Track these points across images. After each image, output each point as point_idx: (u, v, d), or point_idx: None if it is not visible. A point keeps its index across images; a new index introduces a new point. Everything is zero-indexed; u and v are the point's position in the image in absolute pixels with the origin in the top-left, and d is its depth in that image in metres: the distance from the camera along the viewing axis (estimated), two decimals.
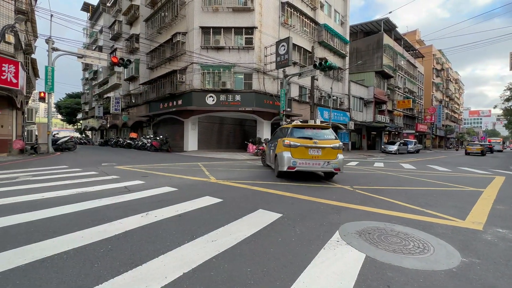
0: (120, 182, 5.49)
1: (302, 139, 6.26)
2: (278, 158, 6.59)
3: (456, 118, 67.73)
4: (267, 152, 8.62)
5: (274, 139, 7.82)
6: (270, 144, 8.29)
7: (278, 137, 7.35)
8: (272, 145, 7.82)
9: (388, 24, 32.58)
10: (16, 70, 10.00)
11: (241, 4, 17.20)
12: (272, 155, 7.56)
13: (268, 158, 8.46)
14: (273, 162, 7.44)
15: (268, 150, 8.36)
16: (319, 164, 6.13)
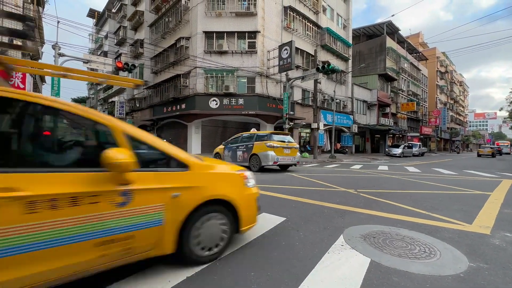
0: None
1: (279, 142, 8.72)
2: (262, 156, 8.53)
3: (461, 121, 67.07)
4: (224, 154, 10.10)
5: (237, 143, 9.79)
6: (231, 147, 10.00)
7: (243, 142, 9.54)
8: (238, 148, 9.61)
9: (390, 27, 32.57)
10: (23, 75, 10.19)
11: (244, 9, 17.36)
12: (243, 155, 9.36)
13: (227, 159, 9.95)
14: (242, 161, 9.30)
15: (230, 152, 9.92)
16: (290, 159, 9.01)
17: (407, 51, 37.87)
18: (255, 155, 8.80)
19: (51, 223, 1.43)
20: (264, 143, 8.62)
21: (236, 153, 9.61)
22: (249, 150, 9.08)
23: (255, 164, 8.78)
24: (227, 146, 10.21)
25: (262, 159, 8.53)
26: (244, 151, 9.33)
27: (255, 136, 9.27)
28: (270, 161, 8.42)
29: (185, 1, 18.17)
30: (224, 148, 10.26)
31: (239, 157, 9.48)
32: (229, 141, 10.40)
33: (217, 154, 10.62)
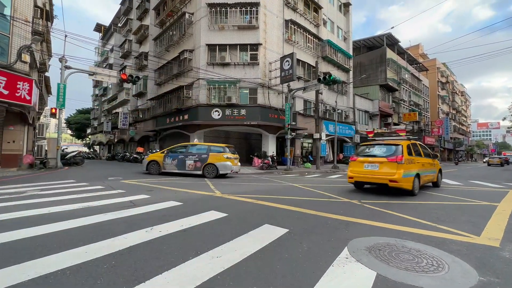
0: (126, 197, 5.49)
1: (231, 154, 10.50)
2: (221, 166, 10.05)
3: (464, 131, 66.73)
4: (165, 161, 10.55)
5: (185, 152, 10.58)
6: (176, 155, 10.59)
7: (194, 152, 10.50)
8: (188, 157, 10.39)
9: (390, 39, 33.08)
10: (30, 87, 10.39)
11: (246, 22, 17.79)
12: (194, 164, 10.26)
13: (169, 166, 10.52)
14: (192, 169, 10.25)
15: (176, 160, 10.46)
16: (237, 168, 10.88)
17: (408, 62, 38.25)
18: (211, 164, 10.10)
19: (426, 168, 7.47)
20: (222, 154, 10.20)
21: (185, 162, 10.33)
22: (204, 160, 10.17)
23: (210, 172, 10.10)
24: (170, 155, 10.66)
25: (220, 168, 10.03)
26: (196, 160, 10.25)
27: (209, 147, 10.51)
28: (228, 170, 10.17)
29: (189, 15, 18.69)
30: (165, 156, 10.64)
31: (188, 166, 10.29)
32: (172, 150, 10.86)
33: (153, 162, 10.73)
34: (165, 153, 10.72)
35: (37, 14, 11.81)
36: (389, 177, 6.27)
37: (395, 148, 6.68)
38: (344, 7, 27.10)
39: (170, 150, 10.85)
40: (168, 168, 10.52)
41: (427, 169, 7.58)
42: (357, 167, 7.10)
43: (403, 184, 6.22)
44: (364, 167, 6.84)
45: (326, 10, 24.03)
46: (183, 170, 10.35)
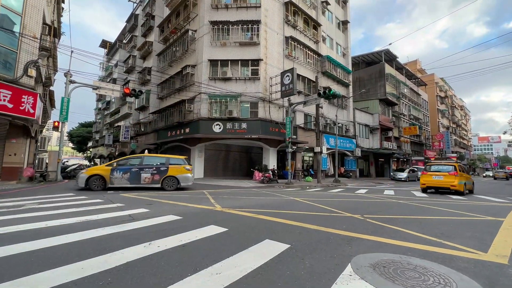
0: (125, 210, 5.42)
1: (190, 166, 10.65)
2: (182, 178, 10.14)
3: (466, 145, 66.63)
4: (114, 175, 9.48)
5: (139, 165, 9.88)
6: (128, 168, 9.74)
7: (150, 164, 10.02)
8: (143, 170, 9.81)
9: (388, 54, 33.82)
10: (34, 101, 10.55)
11: (247, 39, 18.30)
12: (152, 177, 9.84)
13: (119, 181, 9.59)
14: (149, 183, 9.83)
15: (128, 174, 9.66)
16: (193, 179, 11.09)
17: (406, 77, 38.87)
18: (172, 177, 10.01)
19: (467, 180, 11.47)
20: (183, 166, 10.29)
21: (140, 175, 9.75)
22: (163, 172, 9.94)
23: (170, 184, 9.98)
24: (120, 168, 9.67)
25: (181, 180, 10.11)
26: (154, 173, 9.87)
27: (168, 159, 10.33)
28: (189, 182, 10.37)
29: (192, 32, 19.26)
30: (113, 170, 9.55)
31: (144, 179, 9.78)
32: (122, 162, 9.87)
33: (96, 176, 9.30)
34: (113, 166, 9.61)
35: (45, 31, 12.20)
36: (451, 184, 10.91)
37: (452, 167, 11.23)
38: (342, 24, 27.93)
39: (119, 163, 9.86)
40: (117, 182, 9.54)
41: (468, 180, 11.86)
42: (427, 178, 11.72)
43: (458, 188, 10.76)
44: (433, 178, 11.45)
45: (325, 27, 24.75)
46: (137, 184, 9.72)
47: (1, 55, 9.78)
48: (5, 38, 9.77)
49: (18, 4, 10.13)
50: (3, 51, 9.79)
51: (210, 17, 18.38)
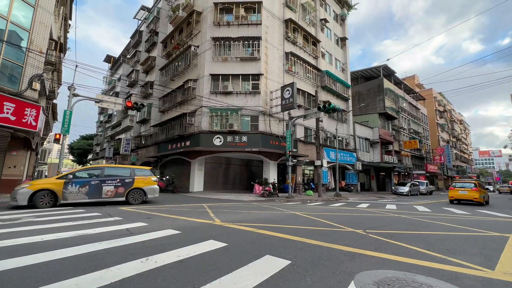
0: (122, 224, 5.33)
1: (153, 176, 10.13)
2: (149, 190, 9.70)
3: (466, 159, 66.42)
4: (68, 189, 8.16)
5: (100, 177, 8.86)
6: (86, 181, 8.54)
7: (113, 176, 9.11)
8: (105, 182, 8.86)
9: (386, 70, 34.46)
10: (37, 114, 10.66)
11: (248, 54, 18.72)
12: (115, 190, 8.98)
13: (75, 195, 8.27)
14: (112, 196, 8.91)
15: (87, 187, 8.47)
16: None
17: (405, 92, 39.38)
18: (138, 189, 9.42)
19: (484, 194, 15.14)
20: (150, 177, 9.82)
21: (102, 188, 8.71)
22: (128, 184, 9.23)
23: (137, 197, 9.37)
24: (76, 181, 8.35)
25: (148, 192, 9.65)
26: (118, 185, 9.02)
27: (133, 170, 9.66)
28: (156, 194, 9.92)
29: (194, 48, 19.76)
30: (67, 183, 8.20)
31: (106, 193, 8.78)
32: (78, 174, 8.59)
33: (45, 191, 7.92)
34: (67, 179, 8.24)
35: (51, 46, 12.52)
36: (473, 197, 14.07)
37: (473, 184, 14.74)
38: (341, 41, 28.68)
39: (76, 175, 8.54)
40: (72, 198, 8.23)
41: (485, 194, 15.08)
42: (454, 192, 15.02)
43: (479, 200, 13.91)
44: (459, 192, 14.73)
45: (324, 43, 25.40)
46: (98, 198, 8.65)
47: (7, 69, 9.99)
48: (12, 53, 10.02)
49: (26, 20, 10.47)
50: (9, 65, 10.01)
51: (212, 34, 18.92)
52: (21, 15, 10.26)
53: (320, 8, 25.53)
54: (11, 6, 9.77)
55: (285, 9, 21.39)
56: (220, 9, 19.31)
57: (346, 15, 29.40)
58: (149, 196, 9.76)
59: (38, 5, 10.66)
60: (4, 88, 9.60)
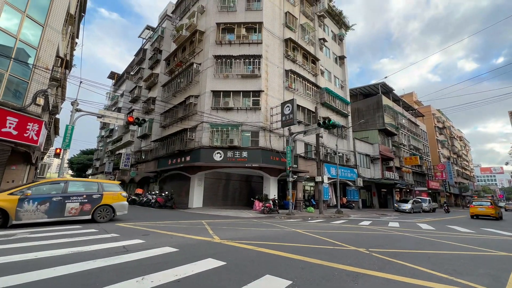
0: (119, 241, 5.20)
1: (123, 191, 9.44)
2: (119, 206, 8.94)
3: (468, 175, 65.88)
4: (27, 208, 6.97)
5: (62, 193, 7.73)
6: (44, 197, 7.34)
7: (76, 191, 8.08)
8: (69, 199, 7.75)
9: (384, 87, 35.08)
10: (39, 128, 10.74)
11: (249, 72, 19.16)
12: (81, 207, 7.95)
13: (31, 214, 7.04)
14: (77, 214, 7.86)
15: (47, 205, 7.30)
16: None
17: (403, 108, 39.83)
18: (107, 206, 8.61)
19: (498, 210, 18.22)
20: (119, 193, 9.07)
21: (65, 206, 7.62)
22: (96, 200, 8.32)
23: (104, 215, 8.53)
24: (32, 197, 7.14)
25: (117, 208, 8.88)
26: (84, 202, 8.03)
27: (101, 185, 8.79)
28: (125, 211, 9.15)
29: (196, 65, 20.26)
30: (23, 200, 6.98)
31: (70, 210, 7.71)
32: (36, 190, 7.35)
33: None
34: (23, 195, 6.98)
35: (57, 63, 12.86)
36: (490, 213, 16.78)
37: (489, 202, 17.53)
38: (339, 59, 29.44)
39: (35, 190, 7.33)
40: (27, 217, 6.98)
41: (499, 210, 17.76)
42: (474, 209, 17.64)
43: (495, 215, 16.65)
44: (478, 209, 17.40)
45: (323, 62, 26.05)
46: (60, 217, 7.50)
47: (13, 84, 10.19)
48: (19, 69, 10.27)
49: (35, 39, 10.82)
50: (15, 81, 10.22)
51: (214, 52, 19.47)
52: (30, 33, 10.63)
53: (319, 29, 26.44)
54: (21, 25, 10.15)
55: (285, 29, 22.16)
56: (222, 29, 20.01)
57: (343, 35, 30.39)
58: (118, 213, 8.96)
59: (47, 24, 11.07)
60: (8, 103, 9.75)
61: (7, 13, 9.71)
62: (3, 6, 9.45)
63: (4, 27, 9.56)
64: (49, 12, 11.21)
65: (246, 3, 20.62)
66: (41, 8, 10.96)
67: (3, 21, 9.53)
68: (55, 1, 11.39)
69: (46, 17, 11.10)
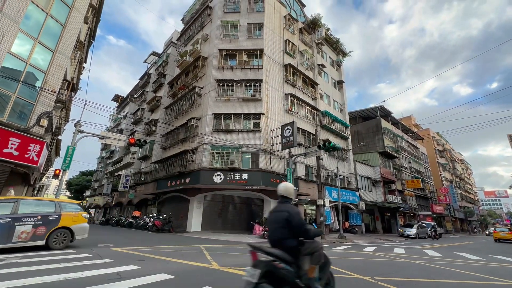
0: (113, 267, 4.98)
1: (84, 212, 8.32)
2: (78, 229, 7.76)
3: (472, 199, 64.61)
4: None
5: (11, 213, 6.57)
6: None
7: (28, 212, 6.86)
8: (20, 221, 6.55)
9: (383, 110, 35.69)
10: (40, 149, 10.78)
11: (250, 95, 19.65)
12: (34, 231, 6.77)
13: None
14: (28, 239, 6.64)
15: None
16: None
17: (402, 131, 40.17)
18: (65, 228, 7.42)
19: None
20: (80, 213, 7.97)
21: (13, 230, 6.44)
22: (52, 222, 7.13)
23: (61, 240, 7.33)
24: None
25: (77, 231, 7.70)
26: (38, 224, 6.87)
27: (59, 204, 7.60)
28: (85, 234, 8.04)
29: (198, 88, 20.84)
30: None
31: (20, 235, 6.53)
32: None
33: None
34: None
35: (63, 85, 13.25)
36: (510, 237, 20.51)
37: (508, 228, 21.60)
38: (338, 84, 30.30)
39: None
40: None
41: None
42: (497, 234, 21.48)
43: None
44: (500, 234, 21.25)
45: (322, 86, 26.80)
46: (6, 243, 6.31)
47: (19, 106, 10.42)
48: (26, 91, 10.56)
49: (44, 63, 11.26)
50: (21, 103, 10.46)
51: (216, 76, 20.12)
52: (40, 58, 11.08)
53: (317, 55, 27.54)
54: (32, 50, 10.61)
55: (284, 55, 23.09)
56: (224, 55, 20.87)
57: (341, 61, 31.57)
58: (78, 237, 7.78)
59: (58, 50, 11.58)
60: (12, 124, 9.89)
61: (20, 40, 10.20)
62: (17, 33, 9.95)
63: (16, 52, 9.98)
64: (60, 38, 11.77)
65: (247, 31, 21.72)
66: (53, 35, 11.53)
67: (16, 46, 9.98)
68: (67, 29, 12.01)
69: (57, 44, 11.63)
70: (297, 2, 28.36)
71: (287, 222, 2.77)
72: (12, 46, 9.76)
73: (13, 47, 9.85)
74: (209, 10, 23.83)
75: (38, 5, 10.81)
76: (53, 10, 11.39)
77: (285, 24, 24.24)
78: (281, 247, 2.71)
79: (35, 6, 10.70)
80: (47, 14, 11.16)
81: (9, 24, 9.61)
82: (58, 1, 11.63)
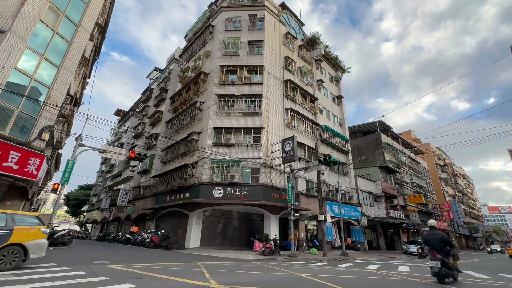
0: (108, 286, 4.82)
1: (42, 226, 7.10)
2: (34, 246, 6.58)
3: (476, 215, 63.51)
4: None
5: None
6: None
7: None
8: None
9: (383, 125, 35.92)
10: (40, 163, 10.75)
11: (250, 110, 19.87)
12: None
13: None
14: None
15: None
16: None
17: (403, 146, 40.18)
18: (16, 245, 6.29)
19: None
20: (37, 228, 6.81)
21: None
22: (1, 238, 6.03)
23: (11, 259, 6.13)
24: None
25: (32, 249, 6.50)
26: None
27: (11, 216, 6.46)
28: (43, 252, 6.79)
29: (200, 103, 21.11)
30: None
31: None
32: None
33: None
34: None
35: (66, 100, 13.44)
36: None
37: None
38: (337, 99, 30.72)
39: None
40: None
41: None
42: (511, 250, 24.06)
43: None
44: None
45: (322, 101, 27.15)
46: None
47: (22, 120, 10.51)
48: (29, 105, 10.69)
49: (49, 78, 11.48)
50: (24, 117, 10.56)
51: (217, 91, 20.45)
52: (45, 73, 11.31)
53: (316, 71, 28.13)
54: (38, 66, 10.85)
55: (284, 71, 23.58)
56: (225, 71, 21.33)
57: (340, 77, 32.19)
58: (33, 256, 6.58)
59: (63, 66, 11.84)
60: (14, 138, 9.93)
61: (27, 56, 10.46)
62: (24, 50, 10.23)
63: (22, 67, 10.21)
64: (66, 55, 12.08)
65: (248, 48, 22.32)
66: (59, 51, 11.84)
67: (22, 62, 10.22)
68: (73, 46, 12.35)
69: (62, 60, 11.92)
70: (296, 21, 29.34)
71: (442, 238, 6.67)
72: (18, 62, 10.00)
73: (20, 63, 10.08)
74: (211, 28, 24.63)
75: (47, 23, 11.18)
76: (60, 28, 11.77)
77: (285, 42, 24.95)
78: (441, 252, 6.49)
79: (44, 24, 11.07)
80: (54, 32, 11.52)
81: (17, 41, 9.89)
82: (65, 20, 12.04)
